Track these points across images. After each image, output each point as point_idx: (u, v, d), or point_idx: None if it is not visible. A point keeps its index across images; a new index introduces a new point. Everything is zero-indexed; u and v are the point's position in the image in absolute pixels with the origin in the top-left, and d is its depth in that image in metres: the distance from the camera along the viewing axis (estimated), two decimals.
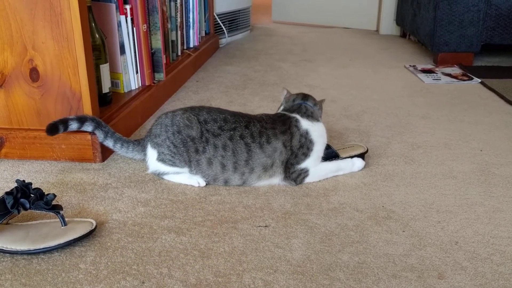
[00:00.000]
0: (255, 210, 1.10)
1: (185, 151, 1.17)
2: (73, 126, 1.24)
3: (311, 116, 1.24)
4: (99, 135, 1.26)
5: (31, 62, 1.26)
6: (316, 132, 1.22)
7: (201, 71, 2.32)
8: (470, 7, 2.32)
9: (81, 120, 1.24)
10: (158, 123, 1.21)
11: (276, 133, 1.18)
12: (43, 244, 0.92)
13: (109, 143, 1.26)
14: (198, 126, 1.16)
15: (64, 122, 1.22)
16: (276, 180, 1.20)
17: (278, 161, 1.18)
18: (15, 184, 0.98)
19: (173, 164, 1.18)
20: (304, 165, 1.20)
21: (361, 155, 1.32)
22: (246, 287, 0.85)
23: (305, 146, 1.20)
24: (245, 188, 1.19)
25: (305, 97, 1.29)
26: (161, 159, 1.19)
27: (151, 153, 1.21)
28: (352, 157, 1.30)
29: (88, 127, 1.25)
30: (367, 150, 1.34)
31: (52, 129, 1.21)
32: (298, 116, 1.23)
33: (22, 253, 0.92)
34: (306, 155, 1.20)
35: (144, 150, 1.23)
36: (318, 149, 1.22)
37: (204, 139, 1.16)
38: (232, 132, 1.16)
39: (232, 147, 1.15)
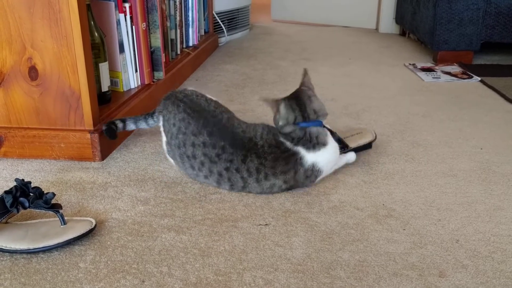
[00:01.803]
0: (255, 209, 1.09)
1: (179, 156, 1.17)
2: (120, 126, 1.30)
3: (317, 143, 1.13)
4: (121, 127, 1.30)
5: (30, 61, 1.26)
6: (324, 160, 1.14)
7: (201, 70, 2.32)
8: (469, 5, 2.32)
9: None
10: (167, 111, 1.20)
11: (276, 173, 1.12)
12: (43, 243, 0.92)
13: (131, 126, 1.31)
14: (191, 148, 1.14)
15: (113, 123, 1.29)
16: None
17: (276, 190, 1.14)
18: (14, 183, 0.98)
19: (170, 156, 1.21)
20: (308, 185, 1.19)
21: (369, 144, 1.32)
22: (247, 285, 0.85)
23: (313, 175, 1.15)
24: None
25: (303, 108, 1.14)
26: (167, 143, 1.21)
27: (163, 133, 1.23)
28: (356, 149, 1.29)
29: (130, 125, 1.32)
30: (376, 136, 1.34)
31: (109, 131, 1.28)
32: (302, 151, 1.12)
33: (22, 252, 0.91)
34: (313, 181, 1.17)
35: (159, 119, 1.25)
36: (327, 172, 1.19)
37: (199, 161, 1.13)
38: (228, 164, 1.11)
39: (227, 176, 1.12)
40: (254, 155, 1.11)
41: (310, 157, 1.13)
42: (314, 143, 1.13)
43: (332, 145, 1.17)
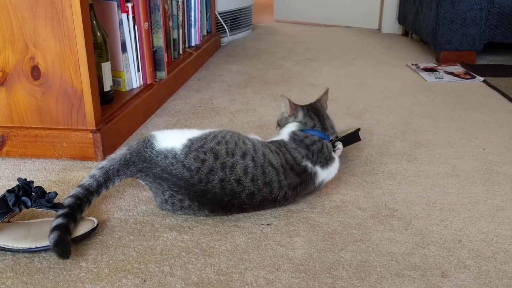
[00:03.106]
0: None
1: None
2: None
3: (329, 159, 1.13)
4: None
5: (32, 60, 1.26)
6: (330, 175, 1.15)
7: (203, 70, 2.32)
8: (472, 5, 2.31)
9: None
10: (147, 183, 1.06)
11: (295, 196, 1.09)
12: (45, 242, 0.92)
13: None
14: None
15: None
16: None
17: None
18: (17, 183, 0.98)
19: None
20: None
21: (357, 135, 1.32)
22: (248, 285, 0.84)
23: (317, 188, 1.14)
24: None
25: (321, 120, 1.16)
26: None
27: None
28: (343, 141, 1.27)
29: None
30: (359, 128, 1.36)
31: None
32: (318, 170, 1.10)
33: (24, 251, 0.91)
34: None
35: None
36: None
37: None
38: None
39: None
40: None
41: (322, 174, 1.12)
42: (328, 159, 1.12)
43: (338, 160, 1.17)
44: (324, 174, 1.13)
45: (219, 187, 1.00)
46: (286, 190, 1.05)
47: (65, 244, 0.88)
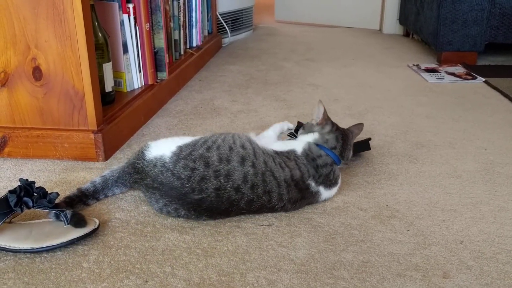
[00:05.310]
0: None
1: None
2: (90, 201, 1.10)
3: (333, 183, 1.12)
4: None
5: (34, 61, 1.26)
6: (333, 194, 1.14)
7: (204, 71, 2.32)
8: (474, 6, 2.31)
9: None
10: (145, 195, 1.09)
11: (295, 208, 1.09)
12: (46, 243, 0.92)
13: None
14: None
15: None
16: None
17: None
18: (18, 183, 0.98)
19: None
20: None
21: (367, 144, 1.32)
22: (250, 286, 0.84)
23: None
24: None
25: (344, 147, 1.15)
26: None
27: None
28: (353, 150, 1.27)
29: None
30: (370, 138, 1.36)
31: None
32: (321, 189, 1.10)
33: (25, 251, 0.91)
34: None
35: None
36: None
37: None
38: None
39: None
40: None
41: (326, 194, 1.12)
42: (332, 183, 1.12)
43: (339, 183, 1.16)
44: (327, 194, 1.12)
45: (215, 196, 0.99)
46: (285, 203, 1.05)
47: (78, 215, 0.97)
